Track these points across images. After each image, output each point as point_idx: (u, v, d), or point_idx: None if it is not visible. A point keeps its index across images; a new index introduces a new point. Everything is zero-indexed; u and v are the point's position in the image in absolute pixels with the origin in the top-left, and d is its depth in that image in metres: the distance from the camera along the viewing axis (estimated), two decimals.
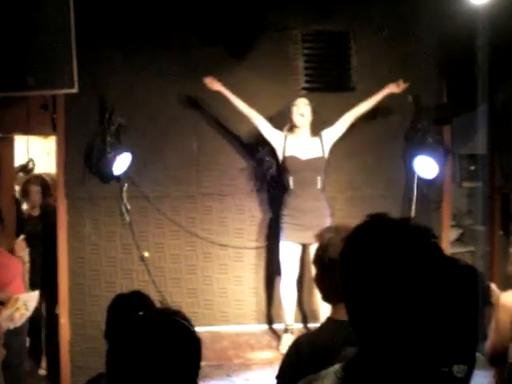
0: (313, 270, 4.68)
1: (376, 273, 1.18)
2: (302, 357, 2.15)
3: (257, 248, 5.21)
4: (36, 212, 5.94)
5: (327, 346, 2.07)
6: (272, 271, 5.10)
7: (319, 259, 2.27)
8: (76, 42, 4.32)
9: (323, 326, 2.31)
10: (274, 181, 5.03)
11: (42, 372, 5.78)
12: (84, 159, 4.98)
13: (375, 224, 1.26)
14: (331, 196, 5.16)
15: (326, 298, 2.31)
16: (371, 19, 5.22)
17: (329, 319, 2.29)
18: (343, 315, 2.17)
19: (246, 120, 4.99)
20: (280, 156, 4.79)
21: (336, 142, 4.82)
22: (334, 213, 5.14)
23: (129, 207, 5.04)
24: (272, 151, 4.89)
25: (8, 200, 5.89)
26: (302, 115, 4.77)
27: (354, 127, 5.15)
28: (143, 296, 2.65)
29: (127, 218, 5.06)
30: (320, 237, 2.32)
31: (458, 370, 1.52)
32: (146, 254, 5.08)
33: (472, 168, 5.80)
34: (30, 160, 6.60)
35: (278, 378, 2.22)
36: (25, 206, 6.26)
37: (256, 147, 5.14)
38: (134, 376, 1.45)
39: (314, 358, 2.09)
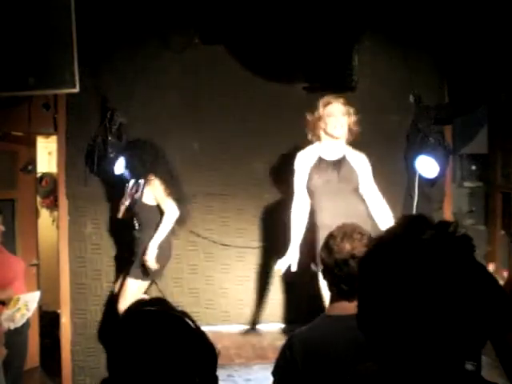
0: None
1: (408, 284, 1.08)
2: (295, 352, 2.25)
3: (259, 248, 5.21)
4: None
5: (318, 341, 2.22)
6: (273, 271, 5.09)
7: (323, 260, 2.33)
8: (77, 42, 4.33)
9: (316, 322, 2.40)
10: None
11: None
12: (85, 159, 4.98)
13: (407, 230, 1.13)
14: None
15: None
16: (371, 19, 5.21)
17: (323, 316, 2.38)
18: (337, 311, 2.25)
19: (246, 119, 4.98)
20: None
21: None
22: None
23: None
24: None
25: (28, 204, 5.88)
26: None
27: None
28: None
29: None
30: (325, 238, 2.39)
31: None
32: None
33: (473, 168, 5.78)
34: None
35: (273, 373, 2.31)
36: None
37: (257, 146, 5.14)
38: (134, 370, 1.44)
39: (305, 353, 2.21)
